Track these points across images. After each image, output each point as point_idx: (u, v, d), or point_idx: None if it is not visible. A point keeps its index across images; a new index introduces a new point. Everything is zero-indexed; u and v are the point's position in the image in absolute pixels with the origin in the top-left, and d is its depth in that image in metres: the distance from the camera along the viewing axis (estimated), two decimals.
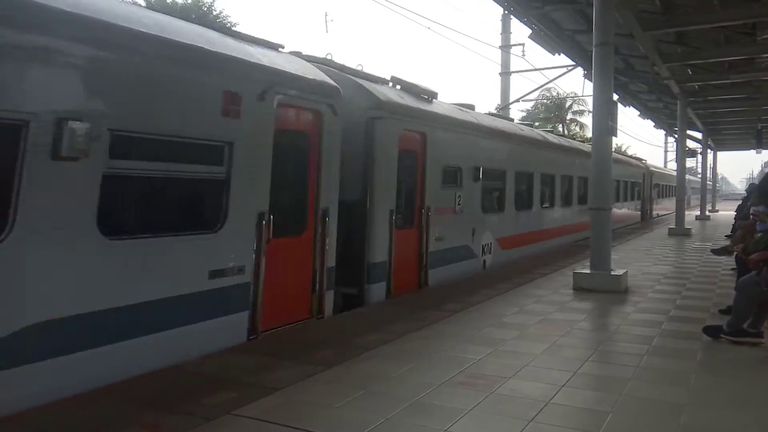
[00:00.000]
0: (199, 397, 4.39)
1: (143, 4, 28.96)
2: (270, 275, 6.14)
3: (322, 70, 7.51)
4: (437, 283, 9.64)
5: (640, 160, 31.33)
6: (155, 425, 3.92)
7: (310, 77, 7.02)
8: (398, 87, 9.60)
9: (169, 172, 5.30)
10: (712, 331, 6.42)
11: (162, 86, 5.13)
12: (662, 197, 35.52)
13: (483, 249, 11.49)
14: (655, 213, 32.03)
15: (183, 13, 25.94)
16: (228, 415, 4.08)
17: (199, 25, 6.22)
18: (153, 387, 4.63)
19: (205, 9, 31.66)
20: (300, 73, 6.86)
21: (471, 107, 12.67)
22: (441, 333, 6.48)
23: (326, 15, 55.70)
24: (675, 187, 23.32)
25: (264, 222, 6.02)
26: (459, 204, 10.46)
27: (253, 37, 6.73)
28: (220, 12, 32.54)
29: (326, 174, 7.08)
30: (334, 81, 7.44)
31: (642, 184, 28.62)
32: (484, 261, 11.58)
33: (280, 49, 7.09)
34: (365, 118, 8.24)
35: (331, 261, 7.13)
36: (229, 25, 32.02)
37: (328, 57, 8.61)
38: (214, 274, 5.54)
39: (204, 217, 5.71)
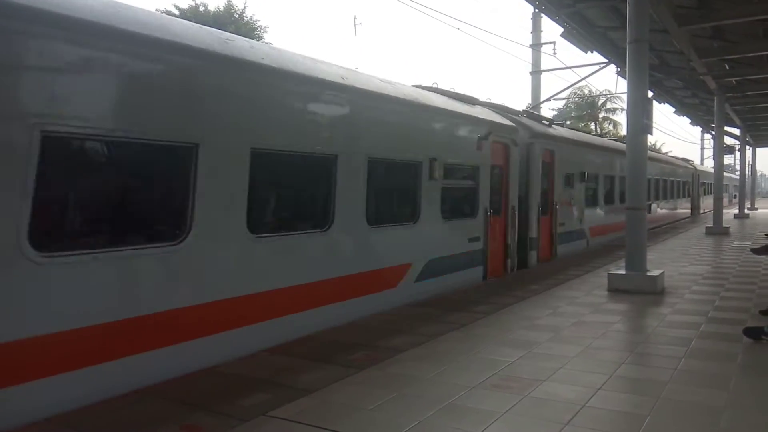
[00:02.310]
0: (234, 398, 4.47)
1: (177, 13, 29.54)
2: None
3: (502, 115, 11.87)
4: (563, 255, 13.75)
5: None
6: (193, 426, 4.00)
7: (503, 123, 11.35)
8: (525, 116, 13.63)
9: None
10: (752, 333, 6.27)
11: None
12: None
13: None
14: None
15: (216, 21, 26.36)
16: (263, 416, 4.14)
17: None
18: (191, 388, 4.72)
19: (237, 16, 32.12)
20: (499, 121, 11.21)
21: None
22: (473, 335, 6.45)
23: (355, 18, 56.01)
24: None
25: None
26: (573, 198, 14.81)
27: (461, 94, 10.71)
28: (251, 17, 32.99)
29: (512, 183, 11.41)
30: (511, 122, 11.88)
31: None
32: None
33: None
34: (526, 143, 12.28)
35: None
36: (259, 29, 32.43)
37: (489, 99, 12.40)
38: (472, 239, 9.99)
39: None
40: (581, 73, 34.97)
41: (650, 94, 13.34)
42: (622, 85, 38.15)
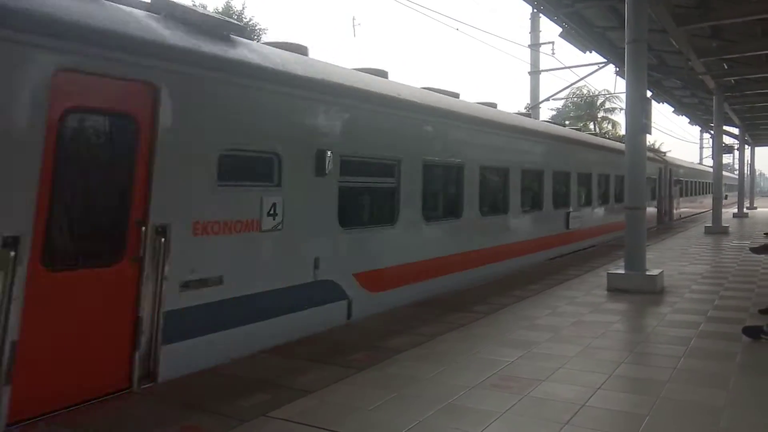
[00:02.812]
0: (234, 399, 4.47)
1: None
2: None
3: None
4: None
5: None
6: (193, 427, 4.00)
7: None
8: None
9: None
10: (752, 332, 6.28)
11: None
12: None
13: None
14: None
15: None
16: (263, 417, 4.14)
17: None
18: (191, 388, 4.73)
19: (236, 17, 32.10)
20: None
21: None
22: (472, 335, 6.45)
23: (354, 19, 56.05)
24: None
25: None
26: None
27: None
28: (250, 19, 32.97)
29: None
30: None
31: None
32: None
33: None
34: None
35: None
36: (258, 31, 32.47)
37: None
38: None
39: None
40: (580, 73, 34.98)
41: (649, 93, 13.37)
42: (620, 85, 38.23)
